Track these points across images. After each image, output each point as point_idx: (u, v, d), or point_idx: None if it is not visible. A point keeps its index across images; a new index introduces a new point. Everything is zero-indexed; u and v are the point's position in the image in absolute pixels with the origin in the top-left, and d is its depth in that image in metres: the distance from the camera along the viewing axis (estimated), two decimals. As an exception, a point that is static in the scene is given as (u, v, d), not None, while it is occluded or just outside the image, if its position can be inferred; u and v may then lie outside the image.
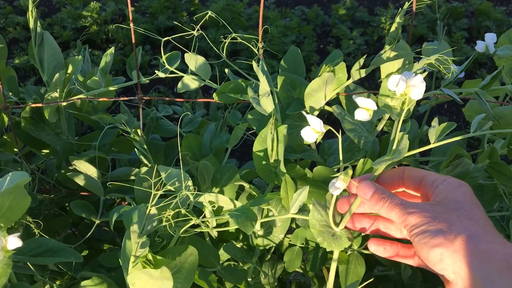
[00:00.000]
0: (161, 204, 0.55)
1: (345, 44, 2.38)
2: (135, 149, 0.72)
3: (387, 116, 0.70)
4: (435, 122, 0.53)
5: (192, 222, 0.61)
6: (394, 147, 0.51)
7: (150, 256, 0.56)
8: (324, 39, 2.53)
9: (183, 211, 0.59)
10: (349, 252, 0.78)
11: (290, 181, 0.65)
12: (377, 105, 0.58)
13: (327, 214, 0.57)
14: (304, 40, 2.39)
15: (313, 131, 0.57)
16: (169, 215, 0.56)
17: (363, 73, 0.60)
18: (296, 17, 2.51)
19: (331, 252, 0.80)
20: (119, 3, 2.48)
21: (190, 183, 0.62)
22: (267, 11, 2.48)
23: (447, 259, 0.43)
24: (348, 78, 0.65)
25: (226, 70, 0.75)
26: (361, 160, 0.70)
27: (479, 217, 0.46)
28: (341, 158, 0.56)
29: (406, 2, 0.57)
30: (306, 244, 0.78)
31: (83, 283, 0.62)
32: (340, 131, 0.56)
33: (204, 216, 0.67)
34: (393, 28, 0.57)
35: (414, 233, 0.46)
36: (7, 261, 0.46)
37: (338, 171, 0.55)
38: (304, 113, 0.58)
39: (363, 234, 0.74)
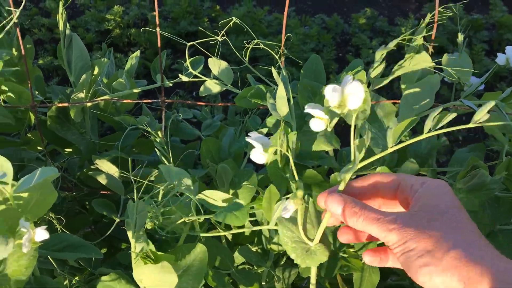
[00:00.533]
0: (146, 199, 0.57)
1: (364, 53, 2.38)
2: (156, 150, 0.73)
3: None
4: (393, 123, 0.49)
5: (182, 219, 0.62)
6: (352, 157, 0.48)
7: (149, 252, 0.57)
8: (344, 47, 2.53)
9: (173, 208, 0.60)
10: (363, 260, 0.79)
11: (275, 191, 0.65)
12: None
13: (298, 229, 0.55)
14: (323, 48, 2.40)
15: (260, 154, 0.56)
16: (158, 211, 0.58)
17: (383, 82, 0.61)
18: (316, 25, 2.52)
19: (347, 260, 0.80)
20: (142, 8, 2.52)
21: (189, 182, 0.63)
22: (287, 19, 2.50)
23: (436, 278, 0.41)
24: (368, 86, 0.65)
25: (248, 76, 0.76)
26: (379, 168, 0.71)
27: (465, 222, 0.43)
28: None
29: (428, 13, 0.58)
30: (321, 250, 0.79)
31: (102, 278, 0.63)
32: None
33: (200, 214, 0.66)
34: (415, 38, 0.57)
35: (398, 251, 0.43)
36: (34, 253, 0.48)
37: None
38: (247, 138, 0.57)
39: (377, 242, 0.75)
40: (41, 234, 0.45)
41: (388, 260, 0.50)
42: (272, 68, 0.65)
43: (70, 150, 0.92)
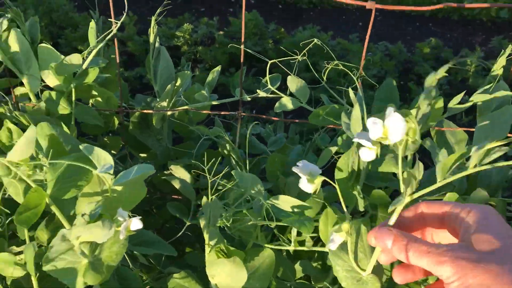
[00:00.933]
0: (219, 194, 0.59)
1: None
2: (233, 160, 0.77)
3: (477, 153, 0.71)
4: (442, 155, 0.46)
5: (250, 222, 0.65)
6: (400, 189, 0.46)
7: (223, 247, 0.60)
8: (406, 75, 2.52)
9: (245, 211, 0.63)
10: None
11: (332, 214, 0.67)
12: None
13: (350, 258, 0.55)
14: (385, 74, 2.40)
15: (309, 183, 0.56)
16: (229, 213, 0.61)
17: (460, 108, 0.63)
18: (379, 52, 2.53)
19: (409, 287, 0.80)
20: (210, 27, 2.63)
21: (261, 187, 0.66)
22: (350, 44, 2.52)
23: None
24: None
25: (322, 95, 0.79)
26: (448, 194, 0.72)
27: None
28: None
29: (510, 45, 0.59)
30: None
31: (174, 275, 0.67)
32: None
33: (271, 220, 0.69)
34: (495, 68, 0.59)
35: (454, 286, 0.40)
36: (124, 242, 0.52)
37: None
38: (294, 167, 0.56)
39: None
40: (136, 223, 0.49)
41: (421, 273, 0.49)
42: (349, 89, 0.67)
43: (145, 155, 0.98)
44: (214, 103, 0.82)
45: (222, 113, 0.81)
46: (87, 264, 0.50)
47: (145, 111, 0.83)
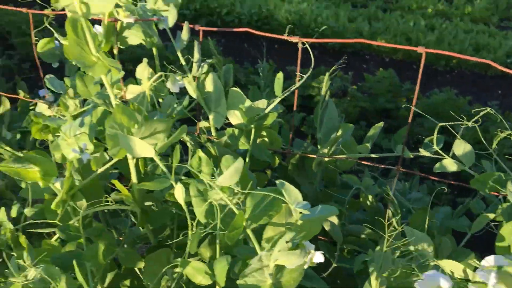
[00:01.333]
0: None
1: None
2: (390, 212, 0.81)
3: None
4: None
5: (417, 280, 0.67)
6: None
7: None
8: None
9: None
10: None
11: None
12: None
13: None
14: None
15: None
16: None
17: None
18: (519, 121, 2.42)
19: None
20: (344, 81, 2.72)
21: (430, 247, 0.69)
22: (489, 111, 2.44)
23: None
24: None
25: (483, 161, 0.81)
26: None
27: None
28: None
29: None
30: None
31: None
32: None
33: None
34: None
35: None
36: (302, 271, 0.58)
37: None
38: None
39: None
40: (319, 257, 0.55)
41: None
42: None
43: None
44: (373, 156, 0.87)
45: (382, 166, 0.86)
46: (270, 285, 0.56)
47: (307, 154, 0.90)
